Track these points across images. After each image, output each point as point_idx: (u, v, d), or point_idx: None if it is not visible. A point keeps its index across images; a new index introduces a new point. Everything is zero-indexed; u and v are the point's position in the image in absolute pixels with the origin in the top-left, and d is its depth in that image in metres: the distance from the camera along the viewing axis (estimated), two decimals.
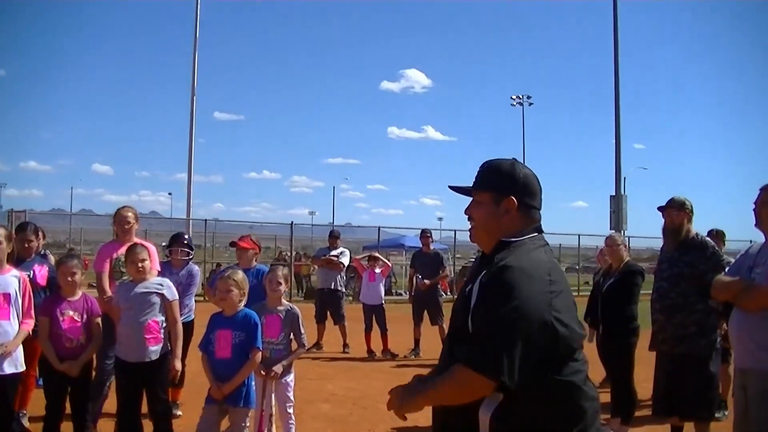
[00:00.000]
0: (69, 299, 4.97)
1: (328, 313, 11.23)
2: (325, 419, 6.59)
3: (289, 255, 24.80)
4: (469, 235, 2.42)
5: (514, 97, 53.01)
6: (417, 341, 10.68)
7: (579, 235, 31.44)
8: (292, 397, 5.22)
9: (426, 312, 10.71)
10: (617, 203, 23.56)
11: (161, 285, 4.99)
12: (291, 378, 5.23)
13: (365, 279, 11.55)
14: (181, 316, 5.26)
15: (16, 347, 4.59)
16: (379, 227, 27.62)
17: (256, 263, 6.24)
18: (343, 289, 11.82)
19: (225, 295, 4.70)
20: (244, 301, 4.77)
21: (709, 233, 6.42)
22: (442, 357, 2.38)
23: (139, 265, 4.93)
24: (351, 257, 11.97)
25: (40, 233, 6.30)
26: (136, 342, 4.83)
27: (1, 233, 4.77)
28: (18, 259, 5.34)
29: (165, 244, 6.78)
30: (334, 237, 11.76)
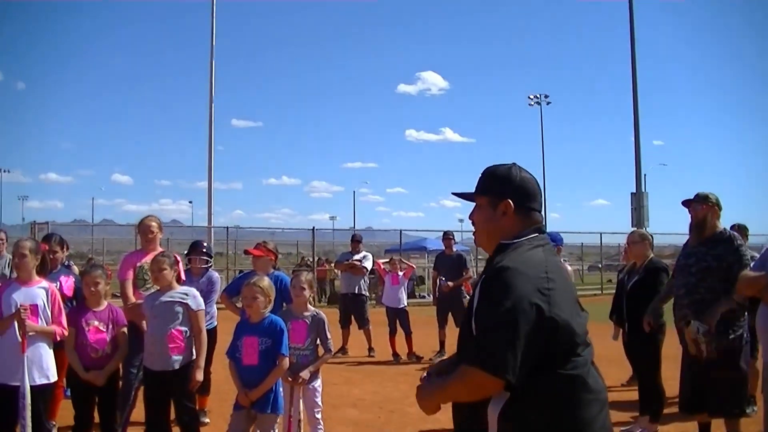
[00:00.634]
0: (94, 310, 5.01)
1: (352, 317, 11.27)
2: (353, 424, 6.62)
3: (311, 260, 24.85)
4: (474, 240, 2.51)
5: (532, 97, 52.84)
6: (442, 343, 10.67)
7: (601, 234, 31.32)
8: (320, 402, 5.23)
9: (450, 314, 10.68)
10: (638, 200, 23.36)
11: (186, 295, 5.01)
12: (318, 383, 5.23)
13: (388, 282, 11.56)
14: None
15: (37, 330, 4.67)
16: (400, 230, 27.71)
17: (273, 270, 6.26)
18: (367, 294, 11.85)
19: (251, 302, 4.72)
20: (270, 308, 4.80)
21: (732, 228, 6.36)
22: (455, 356, 2.43)
23: (163, 273, 4.98)
24: (374, 261, 11.99)
25: (65, 244, 6.39)
26: (160, 351, 4.88)
27: (26, 245, 4.83)
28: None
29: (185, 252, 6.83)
30: (356, 241, 11.81)
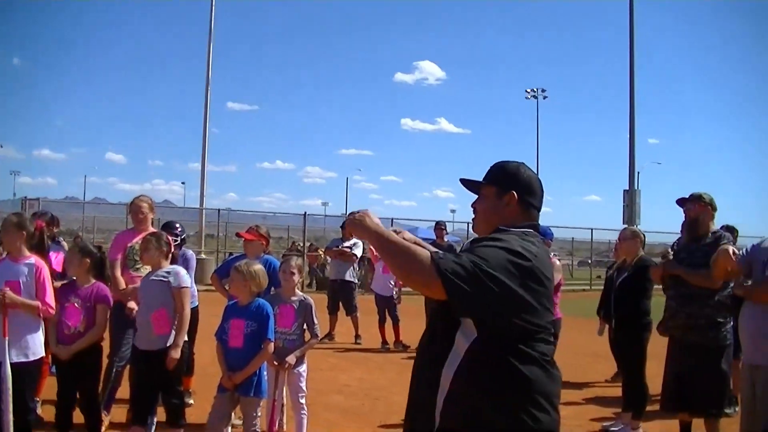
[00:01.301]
0: (79, 287, 4.98)
1: (340, 304, 11.28)
2: (338, 410, 6.62)
3: (302, 245, 24.82)
4: (472, 226, 2.59)
5: (529, 90, 52.94)
6: None
7: (592, 229, 31.37)
8: (305, 388, 5.24)
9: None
10: (631, 198, 23.43)
11: (169, 273, 4.98)
12: (304, 368, 5.25)
13: (378, 270, 11.53)
14: None
15: (18, 303, 4.56)
16: (392, 219, 27.53)
17: (264, 254, 6.25)
18: (356, 281, 11.84)
19: (239, 285, 4.72)
20: (258, 293, 4.79)
21: (722, 228, 6.39)
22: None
23: (150, 253, 4.98)
24: (364, 248, 11.97)
25: (56, 221, 6.37)
26: (146, 330, 4.89)
27: (11, 220, 4.77)
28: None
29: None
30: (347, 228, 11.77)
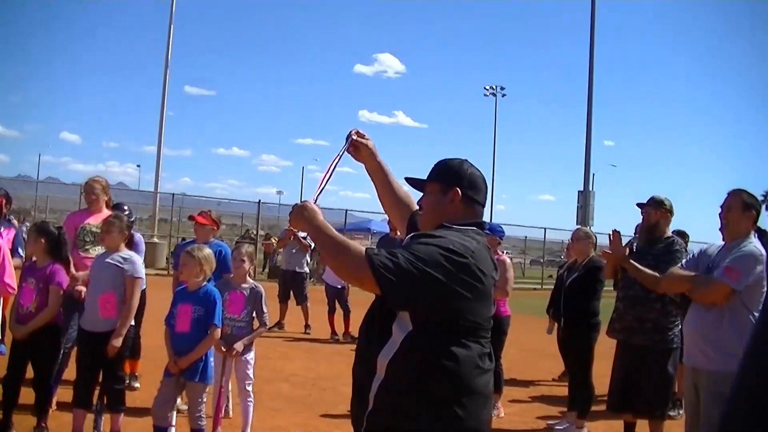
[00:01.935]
0: (37, 267, 4.92)
1: (291, 293, 11.26)
2: (284, 399, 6.58)
3: (255, 233, 24.66)
4: (418, 224, 2.61)
5: (488, 88, 52.98)
6: None
7: (545, 229, 31.80)
8: (252, 375, 5.21)
9: None
10: (585, 199, 23.70)
11: (125, 259, 4.89)
12: (251, 356, 5.22)
13: None
14: None
15: None
16: (346, 210, 27.53)
17: (213, 239, 6.19)
18: (307, 271, 11.84)
19: (186, 269, 4.66)
20: (206, 278, 4.72)
21: (673, 233, 6.49)
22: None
23: (111, 235, 4.88)
24: None
25: (8, 199, 6.20)
26: (92, 311, 4.80)
27: None
28: None
29: None
30: None
